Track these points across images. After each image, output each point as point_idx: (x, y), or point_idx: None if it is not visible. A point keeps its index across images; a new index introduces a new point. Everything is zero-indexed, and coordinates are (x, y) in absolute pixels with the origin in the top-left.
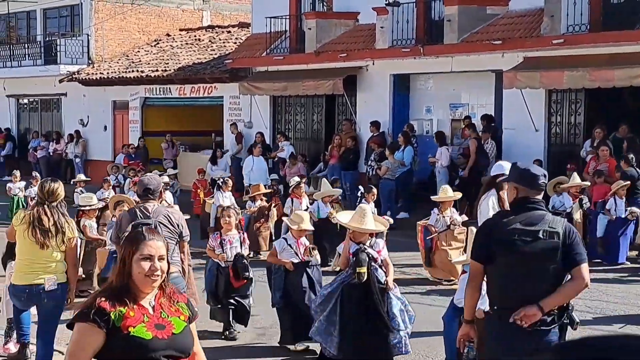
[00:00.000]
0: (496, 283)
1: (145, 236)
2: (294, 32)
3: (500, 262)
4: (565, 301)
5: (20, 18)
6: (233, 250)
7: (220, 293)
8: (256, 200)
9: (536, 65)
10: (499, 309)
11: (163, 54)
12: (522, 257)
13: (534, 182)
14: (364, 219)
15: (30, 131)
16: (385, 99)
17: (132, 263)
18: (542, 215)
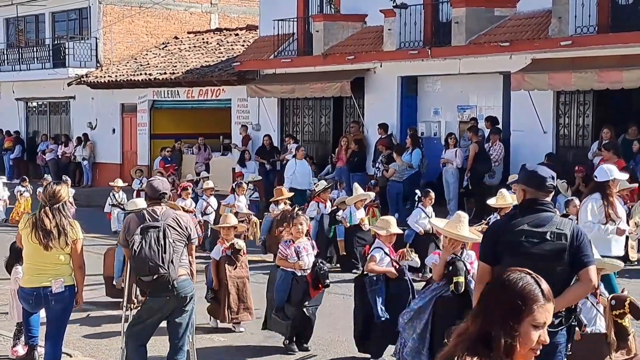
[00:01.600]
0: None
1: (544, 294)
2: (302, 35)
3: (506, 263)
4: (572, 303)
5: (29, 21)
6: (309, 258)
7: (294, 304)
8: (279, 203)
9: (544, 67)
10: None
11: (171, 56)
12: (529, 259)
13: (542, 183)
14: (460, 226)
15: (39, 134)
16: (393, 101)
17: (520, 329)
18: (550, 217)
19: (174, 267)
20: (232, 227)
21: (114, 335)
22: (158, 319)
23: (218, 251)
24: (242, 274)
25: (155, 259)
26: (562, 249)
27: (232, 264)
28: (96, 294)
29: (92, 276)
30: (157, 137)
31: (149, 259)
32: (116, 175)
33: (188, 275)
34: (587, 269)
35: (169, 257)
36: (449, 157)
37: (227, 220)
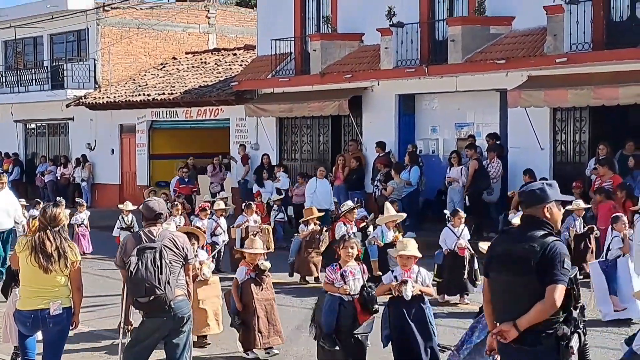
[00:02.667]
0: (491, 297)
1: None
2: (299, 54)
3: (491, 278)
4: (535, 320)
5: (28, 44)
6: (356, 283)
7: (343, 331)
8: (309, 224)
9: (540, 84)
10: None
11: (169, 77)
12: (503, 274)
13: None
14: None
15: (37, 156)
16: (391, 119)
17: None
18: (533, 234)
19: (170, 288)
20: (259, 254)
21: (112, 356)
22: (155, 340)
23: (242, 273)
24: (268, 296)
25: (151, 280)
26: (528, 264)
27: (258, 286)
28: (94, 315)
29: (89, 298)
30: (156, 158)
31: (145, 280)
32: (115, 195)
33: (185, 296)
34: (550, 287)
35: (165, 278)
36: (455, 176)
37: (254, 245)
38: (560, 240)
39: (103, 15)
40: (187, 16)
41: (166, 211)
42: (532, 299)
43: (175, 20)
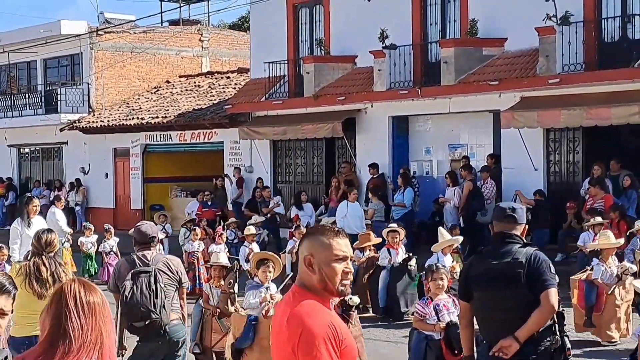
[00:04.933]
0: (478, 318)
1: None
2: (293, 77)
3: (476, 298)
4: (536, 328)
5: (21, 68)
6: (452, 317)
7: None
8: (365, 250)
9: (533, 105)
10: (487, 343)
11: (163, 100)
12: (490, 291)
13: (500, 214)
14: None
15: (31, 180)
16: (385, 140)
17: None
18: (510, 249)
19: (165, 312)
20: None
21: None
22: None
23: None
24: (356, 333)
25: (147, 304)
26: (517, 277)
27: (345, 323)
28: None
29: None
30: (150, 181)
31: (140, 305)
32: (109, 219)
33: (180, 320)
34: (545, 292)
35: (160, 302)
36: (448, 196)
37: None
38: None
39: (96, 39)
40: (180, 40)
41: (158, 235)
42: (525, 310)
43: (169, 43)
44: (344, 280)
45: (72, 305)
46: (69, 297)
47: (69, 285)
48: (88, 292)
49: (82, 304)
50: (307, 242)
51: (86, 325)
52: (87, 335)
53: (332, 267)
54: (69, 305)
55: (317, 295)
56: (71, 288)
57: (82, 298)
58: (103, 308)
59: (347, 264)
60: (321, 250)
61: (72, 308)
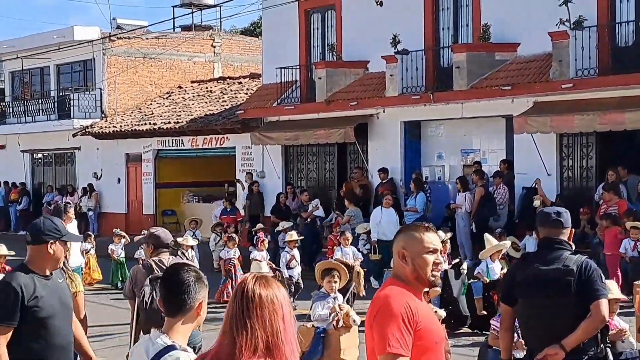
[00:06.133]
0: (521, 324)
1: None
2: (305, 82)
3: (521, 303)
4: (584, 338)
5: (34, 74)
6: None
7: None
8: None
9: (546, 110)
10: (529, 349)
11: (175, 106)
12: (538, 297)
13: (545, 220)
14: None
15: (44, 185)
16: (397, 146)
17: None
18: (560, 255)
19: None
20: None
21: None
22: None
23: None
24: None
25: None
26: (567, 285)
27: None
28: (101, 345)
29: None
30: (162, 186)
31: (161, 310)
32: (122, 224)
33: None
34: (596, 303)
35: None
36: (459, 202)
37: None
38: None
39: (109, 45)
40: (192, 45)
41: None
42: (573, 319)
43: (181, 49)
44: (434, 270)
45: (243, 301)
46: (241, 293)
47: (244, 281)
48: (262, 287)
49: (252, 299)
50: (401, 237)
51: (257, 322)
52: (259, 332)
53: (423, 258)
54: (241, 302)
55: (409, 286)
56: (244, 284)
57: (254, 293)
58: (274, 304)
59: (437, 256)
60: (413, 244)
61: (243, 304)
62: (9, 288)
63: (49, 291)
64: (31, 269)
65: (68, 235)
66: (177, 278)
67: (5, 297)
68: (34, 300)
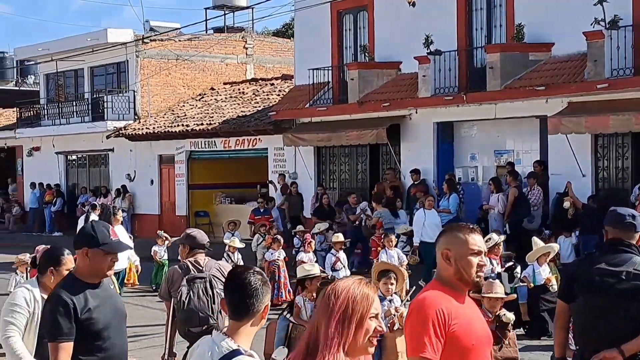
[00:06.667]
0: (578, 322)
1: None
2: (337, 83)
3: (581, 302)
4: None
5: (69, 76)
6: None
7: None
8: None
9: (581, 110)
10: (581, 349)
11: (208, 107)
12: (603, 298)
13: (618, 221)
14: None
15: (78, 187)
16: (429, 147)
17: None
18: (630, 257)
19: (222, 318)
20: (499, 299)
21: None
22: None
23: None
24: (510, 355)
25: (205, 310)
26: (636, 289)
27: (498, 343)
28: (135, 346)
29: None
30: (195, 188)
31: (199, 310)
32: (155, 226)
33: None
34: None
35: (217, 307)
36: (492, 203)
37: (494, 289)
38: None
39: (142, 47)
40: (224, 47)
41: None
42: (635, 324)
43: (213, 51)
44: (479, 272)
45: (324, 303)
46: (325, 296)
47: (335, 284)
48: (366, 287)
49: (334, 301)
50: (445, 238)
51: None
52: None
53: (467, 260)
54: (323, 303)
55: (452, 288)
56: (332, 286)
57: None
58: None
59: (482, 258)
60: (458, 245)
61: (324, 306)
62: (61, 302)
63: (101, 301)
64: (79, 278)
65: (111, 244)
66: (244, 281)
67: (59, 312)
68: (87, 312)
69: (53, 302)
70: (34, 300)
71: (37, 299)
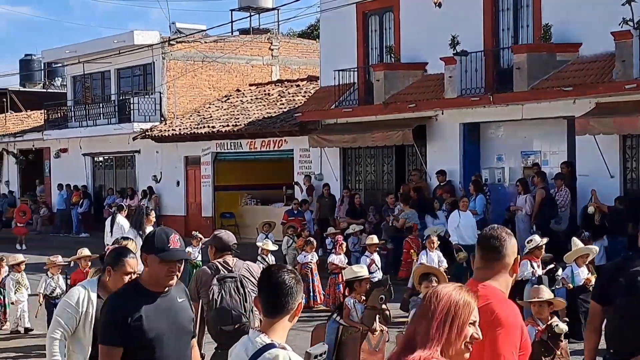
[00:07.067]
0: (613, 325)
1: None
2: (362, 84)
3: (619, 304)
4: None
5: (95, 78)
6: None
7: None
8: None
9: (609, 111)
10: (614, 352)
11: (233, 109)
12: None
13: None
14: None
15: (105, 188)
16: (456, 148)
17: None
18: None
19: (253, 318)
20: (545, 303)
21: None
22: None
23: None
24: None
25: (238, 308)
26: None
27: (550, 354)
28: None
29: None
30: (221, 189)
31: (231, 308)
32: (181, 227)
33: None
34: None
35: (249, 306)
36: (519, 204)
37: (540, 294)
38: None
39: (168, 49)
40: (250, 48)
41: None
42: None
43: (239, 52)
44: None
45: (425, 306)
46: (426, 299)
47: (436, 288)
48: (466, 294)
49: (436, 304)
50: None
51: (435, 324)
52: (435, 334)
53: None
54: (423, 306)
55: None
56: (434, 290)
57: (437, 299)
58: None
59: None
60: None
61: (424, 309)
62: (111, 306)
63: (159, 311)
64: (141, 284)
65: (167, 252)
66: (279, 280)
67: (108, 317)
68: (138, 320)
69: (105, 305)
70: (88, 300)
71: (92, 299)
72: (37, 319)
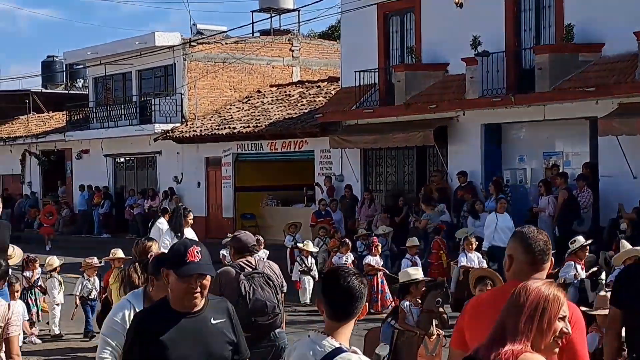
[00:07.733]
0: (629, 327)
1: None
2: (383, 85)
3: (637, 308)
4: None
5: (117, 80)
6: None
7: None
8: None
9: (632, 111)
10: (638, 357)
11: (254, 110)
12: None
13: None
14: None
15: (126, 189)
16: (477, 149)
17: None
18: None
19: (282, 311)
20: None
21: None
22: None
23: (593, 340)
24: None
25: (271, 299)
26: None
27: None
28: None
29: None
30: (242, 190)
31: (265, 299)
32: (202, 228)
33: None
34: None
35: (279, 300)
36: (542, 205)
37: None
38: None
39: (189, 50)
40: (271, 50)
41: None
42: None
43: (260, 53)
44: None
45: (513, 300)
46: (515, 294)
47: (525, 284)
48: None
49: (525, 298)
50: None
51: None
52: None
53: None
54: (512, 301)
55: None
56: (523, 285)
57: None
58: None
59: None
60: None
61: (513, 303)
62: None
63: (184, 333)
64: (169, 303)
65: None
66: (350, 285)
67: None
68: (153, 340)
69: (132, 322)
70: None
71: None
72: (74, 321)
